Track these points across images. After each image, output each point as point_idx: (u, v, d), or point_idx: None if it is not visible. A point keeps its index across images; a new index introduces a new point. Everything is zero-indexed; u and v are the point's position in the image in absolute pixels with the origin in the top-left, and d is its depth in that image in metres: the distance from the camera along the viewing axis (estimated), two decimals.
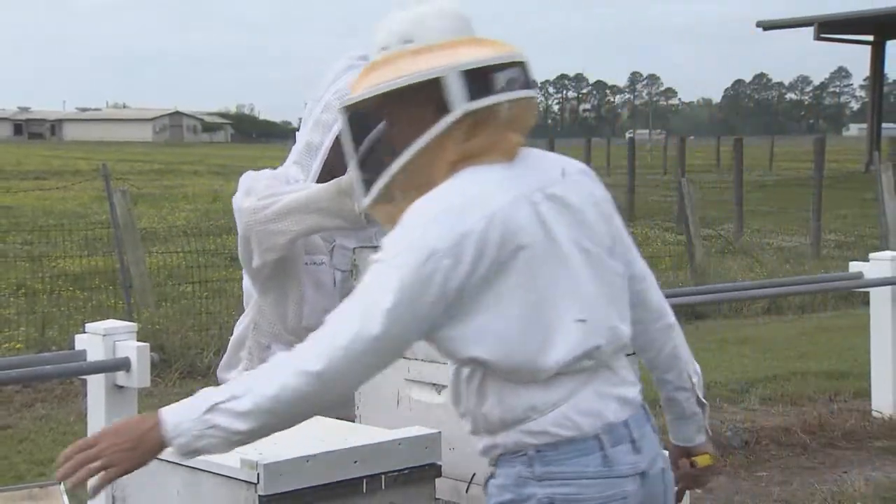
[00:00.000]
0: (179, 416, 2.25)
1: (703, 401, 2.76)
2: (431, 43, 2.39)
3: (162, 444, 2.24)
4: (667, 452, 2.66)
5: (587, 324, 2.39)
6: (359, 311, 2.29)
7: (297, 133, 3.62)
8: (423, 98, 2.36)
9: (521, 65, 2.42)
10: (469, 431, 2.50)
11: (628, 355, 2.64)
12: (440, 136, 2.35)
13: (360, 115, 2.44)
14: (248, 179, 3.48)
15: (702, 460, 2.71)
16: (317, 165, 3.49)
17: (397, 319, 2.27)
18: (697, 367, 2.77)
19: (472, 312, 2.33)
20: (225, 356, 3.64)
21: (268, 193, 3.37)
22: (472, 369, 2.43)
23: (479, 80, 2.36)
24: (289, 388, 2.24)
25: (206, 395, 2.26)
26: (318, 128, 3.51)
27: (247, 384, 2.27)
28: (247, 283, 3.57)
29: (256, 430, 2.26)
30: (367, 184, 2.46)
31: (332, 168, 3.46)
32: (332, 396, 2.28)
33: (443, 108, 2.35)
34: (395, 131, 2.40)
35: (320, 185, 3.36)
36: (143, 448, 2.25)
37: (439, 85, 2.34)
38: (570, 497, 2.39)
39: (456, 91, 2.34)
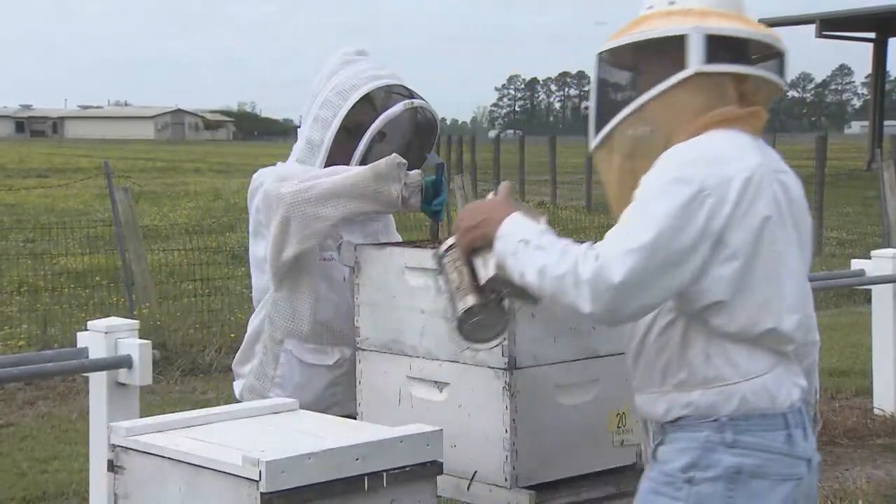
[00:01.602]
0: (512, 226, 2.50)
1: (819, 416, 2.81)
2: (690, 7, 2.56)
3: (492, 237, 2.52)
4: None
5: (800, 311, 2.54)
6: (622, 251, 2.38)
7: (298, 130, 3.61)
8: (666, 55, 2.52)
9: (779, 53, 2.57)
10: (643, 389, 2.58)
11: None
12: (671, 92, 2.51)
13: (609, 63, 2.63)
14: (271, 171, 3.46)
15: None
16: (319, 162, 3.48)
17: (659, 249, 2.38)
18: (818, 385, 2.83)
19: (722, 260, 2.43)
20: (240, 350, 3.64)
21: (307, 177, 3.35)
22: (672, 318, 2.52)
23: (724, 48, 2.51)
24: (562, 283, 2.40)
25: (531, 229, 2.49)
26: (318, 124, 3.50)
27: (547, 256, 2.44)
28: (258, 280, 3.56)
29: (538, 287, 2.43)
30: (598, 128, 2.62)
31: (335, 164, 3.46)
32: (580, 315, 2.42)
33: (680, 66, 2.50)
34: (636, 83, 2.58)
35: (357, 169, 3.35)
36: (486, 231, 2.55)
37: (681, 43, 2.50)
38: (756, 469, 2.47)
39: (695, 51, 2.49)
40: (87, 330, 4.19)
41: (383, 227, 3.66)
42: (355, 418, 3.16)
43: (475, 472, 2.89)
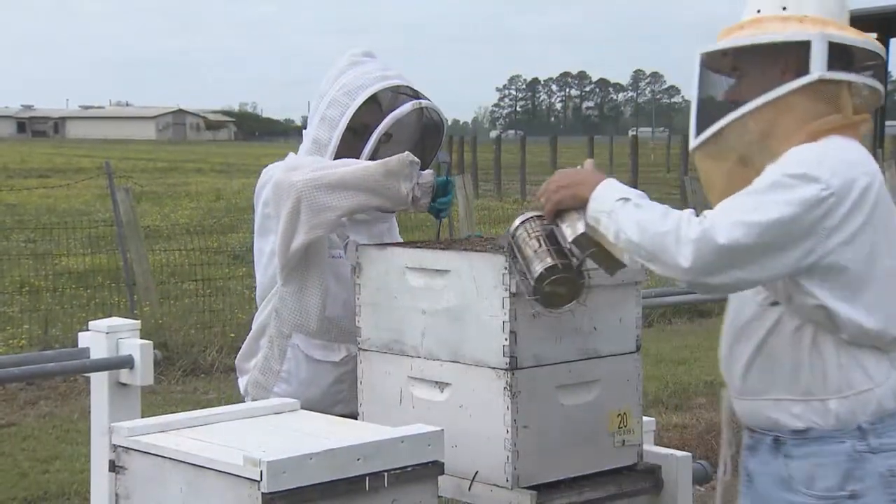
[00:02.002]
0: (608, 188, 2.59)
1: None
2: (804, 14, 2.62)
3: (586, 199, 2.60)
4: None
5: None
6: (732, 220, 2.45)
7: (304, 131, 3.62)
8: (780, 59, 2.60)
9: (881, 60, 2.64)
10: (757, 395, 2.63)
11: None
12: (789, 97, 2.57)
13: (715, 64, 2.70)
14: (283, 162, 3.46)
15: None
16: (328, 160, 3.48)
17: (768, 231, 2.44)
18: None
19: (839, 262, 2.50)
20: (244, 345, 3.63)
21: (318, 167, 3.36)
22: (800, 324, 2.56)
23: (841, 56, 2.58)
24: (664, 240, 2.47)
25: (629, 190, 2.57)
26: (325, 124, 3.50)
27: (649, 214, 2.52)
28: (262, 275, 3.56)
29: (633, 243, 2.50)
30: (701, 128, 2.66)
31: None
32: (673, 274, 2.49)
33: (796, 71, 2.57)
34: (743, 85, 2.65)
35: (368, 163, 3.35)
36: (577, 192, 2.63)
37: (803, 48, 2.57)
38: None
39: (818, 57, 2.55)
40: (88, 330, 4.19)
41: (388, 230, 3.66)
42: (356, 418, 3.15)
43: (476, 472, 2.89)
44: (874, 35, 2.71)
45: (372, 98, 3.46)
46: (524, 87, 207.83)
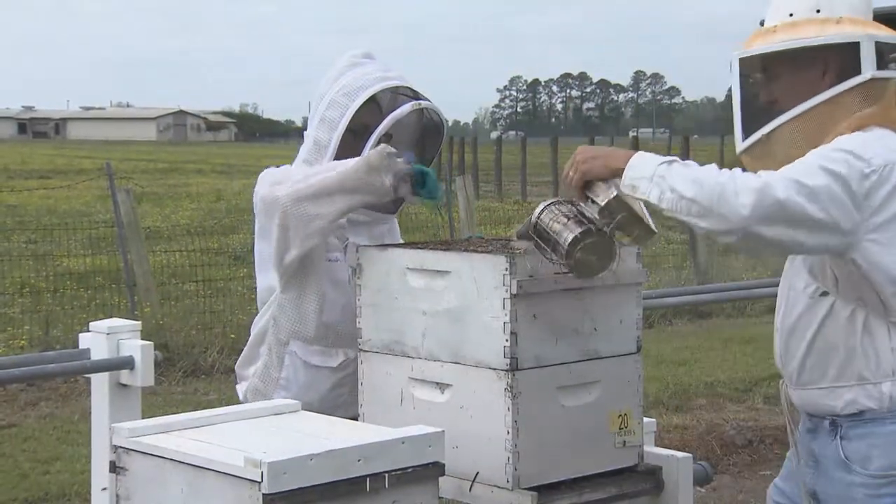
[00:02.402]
0: (643, 157, 2.69)
1: None
2: (840, 15, 2.75)
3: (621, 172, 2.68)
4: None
5: None
6: (789, 179, 2.59)
7: (304, 132, 3.62)
8: (819, 60, 2.73)
9: None
10: (812, 384, 2.77)
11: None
12: (839, 96, 2.69)
13: (755, 68, 2.80)
14: (269, 174, 3.47)
15: None
16: (326, 162, 3.48)
17: (819, 196, 2.57)
18: None
19: (881, 241, 2.63)
20: (244, 352, 3.63)
21: (300, 177, 3.36)
22: (852, 311, 2.69)
23: (883, 54, 2.72)
24: (725, 194, 2.56)
25: (668, 157, 2.67)
26: (325, 125, 3.50)
27: (700, 170, 2.63)
28: (262, 280, 3.56)
29: (688, 199, 2.59)
30: (748, 131, 2.79)
31: None
32: (726, 226, 2.58)
33: (838, 72, 2.71)
34: (782, 87, 2.77)
35: (348, 163, 3.34)
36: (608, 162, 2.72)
37: (847, 49, 2.70)
38: None
39: (868, 57, 2.69)
40: (88, 331, 4.19)
41: (388, 231, 3.65)
42: (357, 419, 3.15)
43: (477, 473, 2.89)
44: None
45: (371, 99, 3.45)
46: (525, 87, 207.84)
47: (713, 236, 2.70)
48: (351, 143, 3.44)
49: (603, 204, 2.74)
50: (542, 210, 2.82)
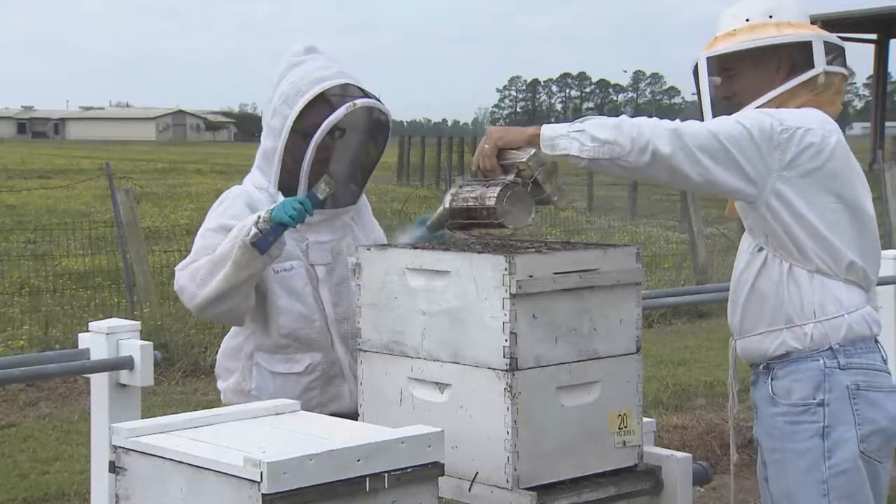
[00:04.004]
0: (554, 128, 2.98)
1: None
2: (789, 20, 3.15)
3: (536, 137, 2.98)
4: None
5: (876, 256, 3.13)
6: (701, 125, 3.00)
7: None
8: (774, 58, 3.11)
9: (841, 51, 3.19)
10: (750, 331, 3.12)
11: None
12: (794, 88, 3.08)
13: (719, 65, 3.17)
14: (182, 265, 3.51)
15: None
16: (275, 171, 3.51)
17: (733, 140, 2.96)
18: None
19: (796, 196, 2.99)
20: (217, 364, 3.70)
21: (193, 282, 3.43)
22: (781, 259, 3.04)
23: (828, 51, 3.12)
24: (642, 131, 2.93)
25: (576, 121, 2.99)
26: (270, 133, 3.51)
27: (617, 120, 2.98)
28: None
29: (609, 142, 2.92)
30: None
31: (289, 171, 3.48)
32: (648, 171, 2.97)
33: (790, 67, 3.11)
34: (744, 81, 3.14)
35: (225, 250, 3.36)
36: (521, 131, 3.02)
37: (798, 47, 3.10)
38: (868, 384, 3.04)
39: (819, 54, 3.09)
40: (88, 331, 4.19)
41: (354, 219, 3.67)
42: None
43: (476, 473, 2.89)
44: (874, 35, 3.02)
45: (319, 97, 3.44)
46: (524, 87, 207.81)
47: (631, 174, 3.01)
48: (300, 143, 3.45)
49: (525, 158, 3.03)
50: (454, 192, 3.13)
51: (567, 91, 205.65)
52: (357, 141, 3.62)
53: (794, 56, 3.12)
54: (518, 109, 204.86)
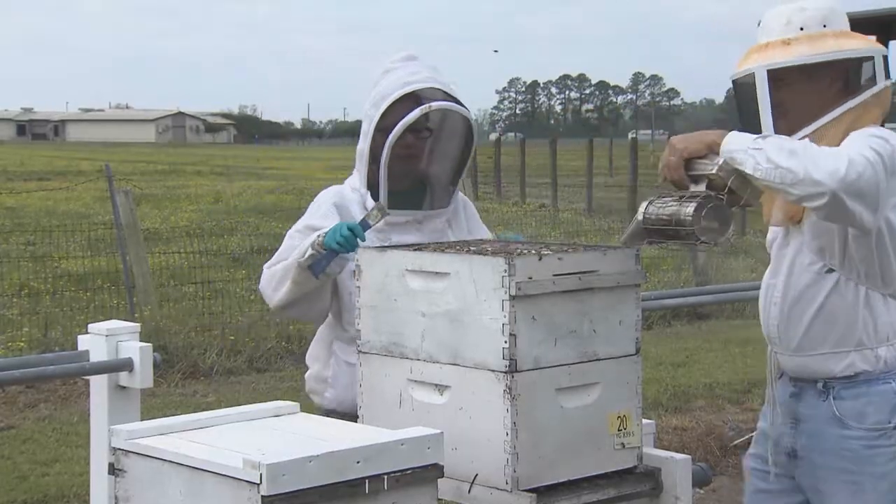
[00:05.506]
0: (738, 135, 2.91)
1: None
2: (843, 29, 3.06)
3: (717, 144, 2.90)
4: None
5: None
6: (860, 144, 2.88)
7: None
8: (831, 70, 3.03)
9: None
10: (813, 350, 3.09)
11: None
12: (868, 103, 3.03)
13: (779, 79, 3.04)
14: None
15: None
16: (364, 170, 3.64)
17: (884, 162, 2.87)
18: None
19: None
20: (307, 355, 3.85)
21: (270, 285, 3.61)
22: (856, 283, 3.03)
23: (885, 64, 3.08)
24: (818, 164, 2.80)
25: (758, 136, 2.91)
26: (362, 135, 3.65)
27: (793, 141, 2.88)
28: None
29: (782, 168, 2.81)
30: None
31: (373, 171, 3.59)
32: (811, 204, 2.85)
33: (844, 81, 3.03)
34: (797, 94, 3.04)
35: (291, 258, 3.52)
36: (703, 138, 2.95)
37: (858, 61, 3.03)
38: None
39: (880, 68, 3.05)
40: (87, 333, 4.19)
41: (451, 224, 3.72)
42: (356, 421, 3.16)
43: (476, 475, 2.89)
44: (874, 37, 2.99)
45: (410, 97, 3.53)
46: (524, 89, 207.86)
47: (803, 202, 2.89)
48: (382, 143, 3.56)
49: (715, 170, 2.94)
50: (646, 206, 3.03)
51: (566, 93, 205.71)
52: (439, 143, 3.70)
53: (849, 69, 3.05)
54: (517, 111, 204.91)
